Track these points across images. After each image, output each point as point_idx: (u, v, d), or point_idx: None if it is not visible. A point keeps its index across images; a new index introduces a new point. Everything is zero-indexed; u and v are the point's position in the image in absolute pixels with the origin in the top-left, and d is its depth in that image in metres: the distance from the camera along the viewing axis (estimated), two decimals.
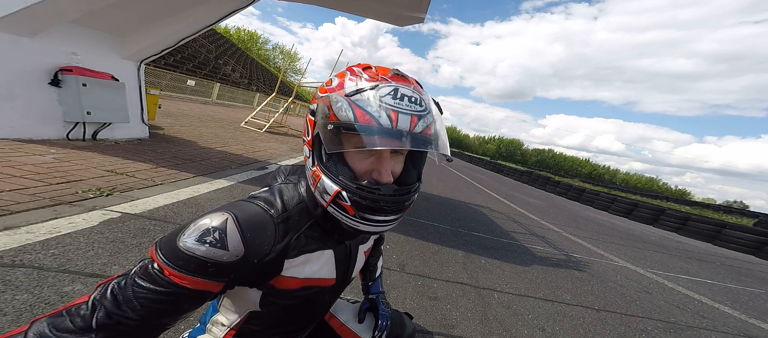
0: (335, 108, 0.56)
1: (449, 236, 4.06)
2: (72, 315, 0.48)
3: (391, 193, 0.58)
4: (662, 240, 9.61)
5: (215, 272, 0.52)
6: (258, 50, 58.58)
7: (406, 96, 0.55)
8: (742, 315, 3.78)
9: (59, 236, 1.82)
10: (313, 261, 0.67)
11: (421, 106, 0.57)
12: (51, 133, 3.69)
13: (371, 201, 0.57)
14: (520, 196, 12.55)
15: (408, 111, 0.54)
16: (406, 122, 0.54)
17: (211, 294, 0.55)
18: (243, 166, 4.75)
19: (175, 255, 0.51)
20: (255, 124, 10.64)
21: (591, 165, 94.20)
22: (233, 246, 0.53)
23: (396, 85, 0.56)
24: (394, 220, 0.62)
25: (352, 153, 0.59)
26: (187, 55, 21.47)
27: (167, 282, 0.50)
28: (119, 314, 0.48)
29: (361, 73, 0.59)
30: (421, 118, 0.56)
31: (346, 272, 0.78)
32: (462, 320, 2.16)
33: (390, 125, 0.53)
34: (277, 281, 0.64)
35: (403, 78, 0.60)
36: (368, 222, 0.59)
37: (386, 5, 5.07)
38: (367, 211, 0.58)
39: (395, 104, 0.54)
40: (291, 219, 0.63)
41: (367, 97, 0.54)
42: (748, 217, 19.09)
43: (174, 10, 4.38)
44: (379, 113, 0.53)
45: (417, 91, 0.58)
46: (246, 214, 0.57)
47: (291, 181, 0.71)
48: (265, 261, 0.58)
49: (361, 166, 0.59)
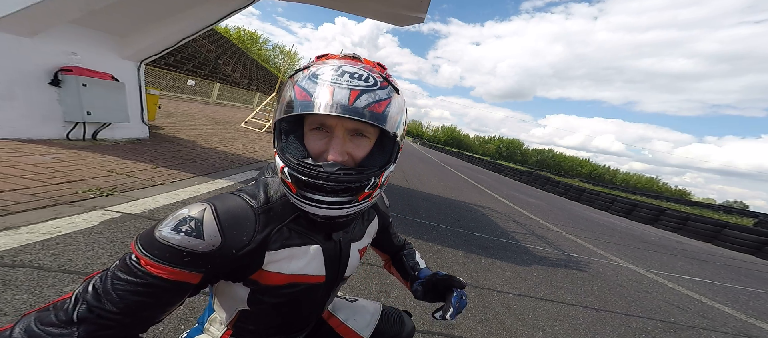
0: (283, 93, 0.58)
1: (449, 236, 4.06)
2: (57, 309, 0.49)
3: (334, 171, 0.56)
4: (662, 240, 9.61)
5: (191, 262, 0.52)
6: (258, 50, 58.63)
7: (348, 72, 0.56)
8: (742, 315, 3.78)
9: (59, 236, 1.82)
10: (298, 257, 0.66)
11: (368, 81, 0.56)
12: (51, 133, 3.69)
13: (310, 177, 0.55)
14: (520, 196, 12.55)
15: (347, 85, 0.54)
16: (343, 95, 0.53)
17: (190, 286, 0.54)
18: (243, 165, 4.75)
19: (151, 244, 0.51)
20: (255, 124, 10.65)
21: (591, 165, 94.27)
22: (209, 235, 0.53)
23: (339, 64, 0.57)
24: (344, 204, 0.59)
25: (307, 134, 0.60)
26: (187, 55, 21.47)
27: (144, 272, 0.50)
28: (99, 307, 0.48)
29: (315, 60, 0.62)
30: (364, 92, 0.54)
31: (338, 269, 0.76)
32: (462, 320, 2.16)
33: (327, 99, 0.53)
34: (260, 276, 0.63)
35: (355, 58, 0.61)
36: (310, 202, 0.58)
37: (386, 5, 5.07)
38: (306, 188, 0.57)
39: (333, 79, 0.54)
40: (273, 211, 0.63)
41: (307, 74, 0.56)
42: (748, 217, 19.09)
43: (174, 10, 4.38)
44: (315, 90, 0.54)
45: (365, 70, 0.58)
46: (226, 205, 0.57)
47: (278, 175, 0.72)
48: (244, 252, 0.58)
49: (316, 147, 0.59)
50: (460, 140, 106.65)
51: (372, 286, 2.28)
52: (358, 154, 0.60)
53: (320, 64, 0.59)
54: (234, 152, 5.63)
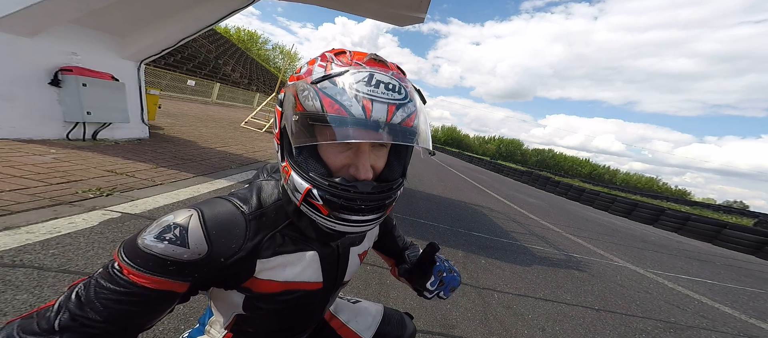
0: (301, 97, 0.50)
1: (449, 236, 4.06)
2: (40, 317, 0.47)
3: (369, 191, 0.53)
4: (662, 240, 9.61)
5: (176, 271, 0.50)
6: (258, 50, 58.60)
7: (383, 82, 0.50)
8: (741, 315, 3.78)
9: (59, 236, 1.82)
10: (293, 264, 0.63)
11: (401, 93, 0.51)
12: (51, 133, 3.69)
13: (346, 200, 0.52)
14: (520, 196, 12.55)
15: (384, 99, 0.49)
16: (383, 111, 0.48)
17: (176, 294, 0.52)
18: (243, 165, 4.75)
19: (134, 253, 0.49)
20: (255, 124, 10.64)
21: (591, 165, 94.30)
22: (195, 243, 0.50)
23: (371, 71, 0.50)
24: (375, 220, 0.57)
25: (325, 147, 0.54)
26: (187, 55, 21.46)
27: (126, 281, 0.48)
28: (82, 315, 0.46)
29: (332, 58, 0.54)
30: (400, 107, 0.50)
31: (336, 275, 0.74)
32: (462, 320, 2.16)
33: (363, 115, 0.47)
34: (253, 284, 0.60)
35: (381, 63, 0.54)
36: (344, 222, 0.54)
37: (386, 5, 5.07)
38: (341, 211, 0.53)
39: (369, 91, 0.48)
40: (266, 217, 0.60)
41: (335, 83, 0.49)
42: (748, 217, 19.12)
43: (174, 10, 4.38)
44: (350, 102, 0.47)
45: (396, 78, 0.52)
46: (214, 211, 0.54)
47: (274, 178, 0.68)
48: (233, 260, 0.55)
49: (337, 161, 0.54)
50: (460, 140, 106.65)
51: (372, 286, 2.28)
52: (379, 165, 0.57)
53: (344, 66, 0.52)
54: (234, 152, 5.63)
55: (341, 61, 0.53)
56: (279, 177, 0.67)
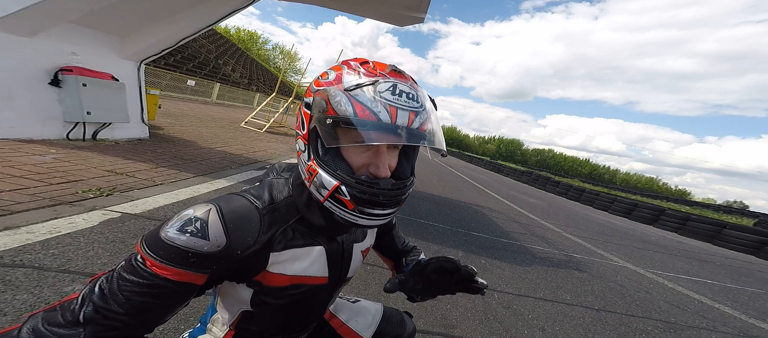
0: (334, 102, 0.55)
1: (449, 236, 4.06)
2: (64, 309, 0.49)
3: (390, 187, 0.60)
4: (662, 240, 9.61)
5: (196, 262, 0.52)
6: (258, 50, 58.57)
7: (405, 92, 0.57)
8: (742, 315, 3.78)
9: (59, 236, 1.82)
10: (301, 258, 0.67)
11: (418, 102, 0.58)
12: (51, 133, 3.69)
13: (371, 195, 0.58)
14: (520, 196, 12.55)
15: (406, 107, 0.56)
16: (405, 118, 0.55)
17: (195, 287, 0.55)
18: (243, 165, 4.75)
19: (157, 245, 0.51)
20: (255, 124, 10.64)
21: (591, 165, 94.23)
22: (215, 236, 0.53)
23: (394, 81, 0.57)
24: (391, 214, 0.63)
25: (349, 147, 0.60)
26: (187, 55, 21.47)
27: (150, 273, 0.50)
28: (105, 308, 0.48)
29: (358, 67, 0.60)
30: (418, 114, 0.57)
31: (341, 271, 0.77)
32: (462, 320, 2.16)
33: (389, 120, 0.54)
34: (264, 277, 0.63)
35: (401, 74, 0.61)
36: (366, 216, 0.60)
37: (386, 5, 5.08)
38: (366, 205, 0.59)
39: (394, 100, 0.55)
40: (278, 212, 0.64)
41: (366, 92, 0.55)
42: (748, 217, 19.11)
43: (174, 10, 4.38)
44: (378, 109, 0.54)
45: (414, 88, 0.60)
46: (231, 206, 0.58)
47: (283, 176, 0.72)
48: (249, 253, 0.58)
49: (358, 160, 0.60)
50: (460, 140, 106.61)
51: (372, 286, 2.28)
52: (393, 165, 0.63)
53: (371, 75, 0.57)
54: (234, 152, 5.63)
55: (366, 70, 0.59)
56: (288, 176, 0.72)
